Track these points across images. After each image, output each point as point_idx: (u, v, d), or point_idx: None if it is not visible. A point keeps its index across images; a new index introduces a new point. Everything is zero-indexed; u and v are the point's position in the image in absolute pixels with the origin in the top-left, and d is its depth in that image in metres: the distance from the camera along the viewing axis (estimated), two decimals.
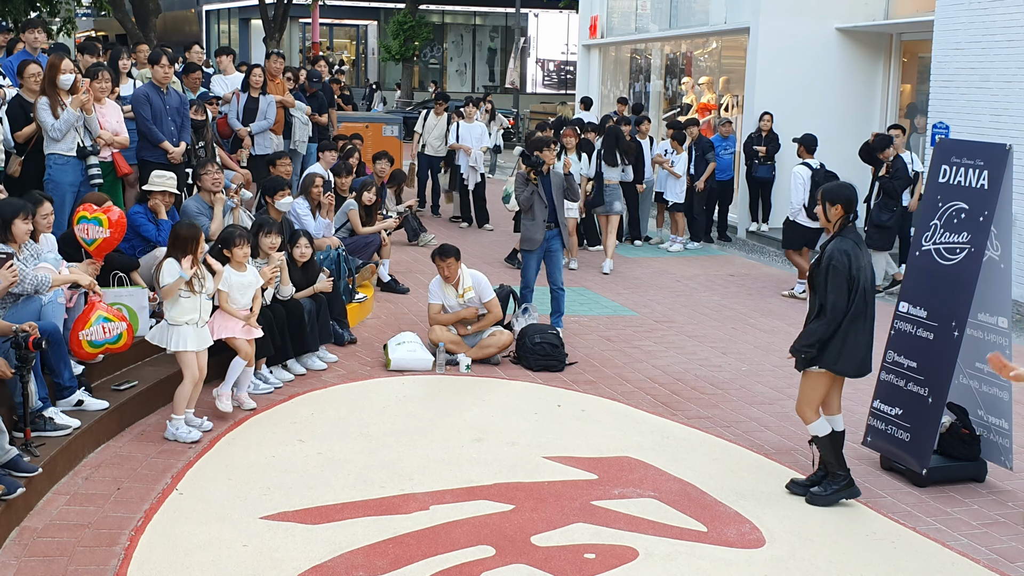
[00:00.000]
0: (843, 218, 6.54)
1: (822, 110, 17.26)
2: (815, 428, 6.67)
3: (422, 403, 8.42)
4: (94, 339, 7.17)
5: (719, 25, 19.26)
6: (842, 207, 6.52)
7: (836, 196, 6.57)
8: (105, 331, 7.19)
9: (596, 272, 13.99)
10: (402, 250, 14.73)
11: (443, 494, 6.61)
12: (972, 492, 7.10)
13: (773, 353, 10.30)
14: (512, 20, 43.75)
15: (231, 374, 7.88)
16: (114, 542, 5.81)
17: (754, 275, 14.48)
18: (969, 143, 7.66)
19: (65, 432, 6.77)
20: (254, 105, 12.70)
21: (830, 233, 6.64)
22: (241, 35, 51.75)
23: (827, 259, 6.43)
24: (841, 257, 6.39)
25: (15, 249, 6.84)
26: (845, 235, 6.50)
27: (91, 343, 7.17)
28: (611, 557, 5.87)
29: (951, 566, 6.02)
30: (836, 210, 6.54)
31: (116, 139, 9.46)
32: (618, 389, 9.01)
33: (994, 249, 6.98)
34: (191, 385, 7.31)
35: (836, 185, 6.73)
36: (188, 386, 7.31)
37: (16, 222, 6.86)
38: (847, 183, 6.76)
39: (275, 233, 8.69)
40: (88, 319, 7.15)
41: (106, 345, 7.26)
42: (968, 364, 7.26)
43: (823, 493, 6.67)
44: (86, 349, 7.21)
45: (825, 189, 6.67)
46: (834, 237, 6.54)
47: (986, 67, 13.16)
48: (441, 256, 9.47)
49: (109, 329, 7.20)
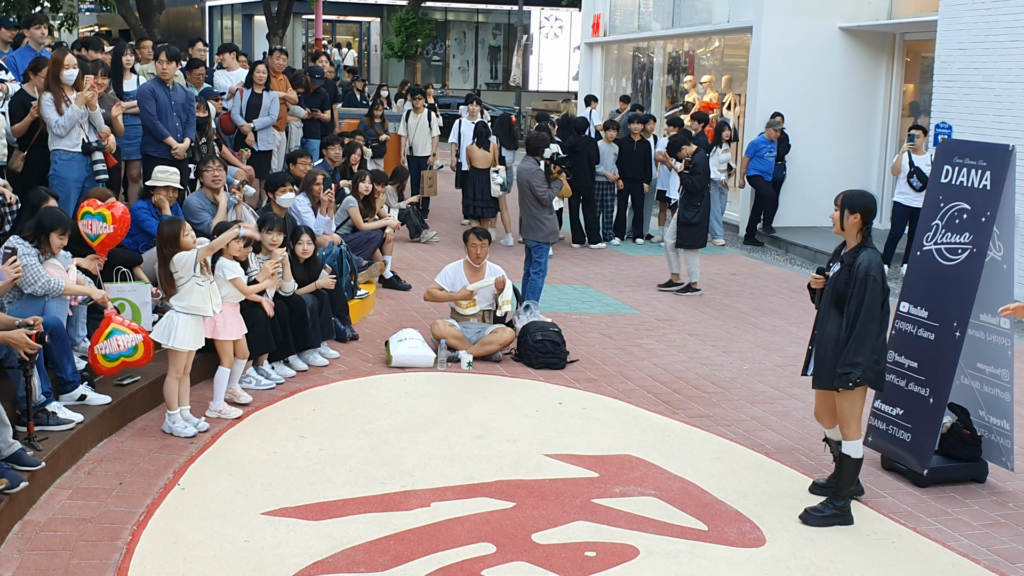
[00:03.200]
0: (863, 228, 6.39)
1: (825, 109, 17.30)
2: (854, 448, 6.46)
3: (423, 400, 8.43)
4: (108, 352, 7.12)
5: (722, 24, 19.26)
6: (861, 217, 6.32)
7: (856, 204, 6.34)
8: (120, 345, 7.14)
9: (596, 271, 13.99)
10: (404, 247, 14.74)
11: (444, 491, 6.62)
12: (973, 493, 7.11)
13: (774, 352, 10.31)
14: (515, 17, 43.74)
15: (218, 387, 7.84)
16: (116, 536, 5.83)
17: (756, 274, 14.48)
18: (972, 143, 7.66)
19: (68, 427, 6.78)
20: (257, 101, 12.70)
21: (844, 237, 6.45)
22: (244, 31, 51.71)
23: (864, 270, 6.21)
24: (879, 269, 6.24)
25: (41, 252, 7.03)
26: (869, 245, 6.36)
27: (106, 356, 7.13)
28: (611, 555, 5.88)
29: (952, 567, 6.03)
30: (855, 219, 6.33)
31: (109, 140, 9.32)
32: (619, 387, 9.02)
33: (996, 250, 6.98)
34: (175, 383, 7.33)
35: (857, 193, 6.48)
36: (173, 383, 7.32)
37: (53, 236, 7.12)
38: (868, 192, 6.54)
39: (277, 230, 8.71)
40: (102, 333, 7.15)
41: (122, 359, 7.17)
42: (969, 364, 7.27)
43: (819, 514, 6.46)
44: (102, 364, 7.18)
45: (846, 197, 6.42)
46: (861, 248, 6.33)
47: (989, 67, 13.17)
48: (477, 236, 9.76)
49: (123, 343, 7.14)
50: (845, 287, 6.30)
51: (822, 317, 6.50)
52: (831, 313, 6.42)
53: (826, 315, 6.45)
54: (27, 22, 11.06)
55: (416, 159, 16.84)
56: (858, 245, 6.39)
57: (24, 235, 7.11)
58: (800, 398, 8.85)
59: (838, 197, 6.51)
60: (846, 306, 6.29)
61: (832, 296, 6.41)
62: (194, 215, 9.28)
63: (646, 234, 16.69)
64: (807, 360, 6.75)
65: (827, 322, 6.44)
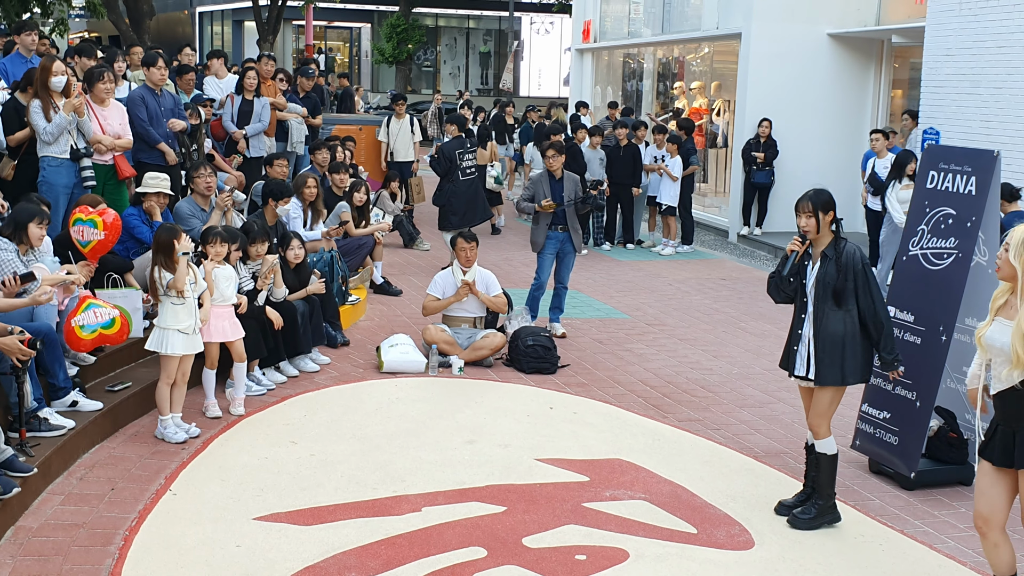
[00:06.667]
0: (837, 222, 6.45)
1: (813, 115, 17.38)
2: (828, 446, 6.46)
3: (415, 405, 8.47)
4: (85, 323, 7.13)
5: (711, 30, 19.34)
6: (833, 212, 6.39)
7: (827, 204, 6.36)
8: (96, 315, 7.17)
9: (587, 276, 14.04)
10: (395, 252, 14.79)
11: (435, 496, 6.66)
12: (959, 495, 7.15)
13: (764, 357, 10.36)
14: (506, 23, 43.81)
15: (207, 385, 7.92)
16: (108, 542, 5.85)
17: (745, 279, 14.53)
18: (957, 149, 7.71)
19: (60, 432, 6.81)
20: (249, 108, 12.73)
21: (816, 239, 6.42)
22: (235, 37, 51.74)
23: (858, 261, 6.29)
24: (865, 256, 6.35)
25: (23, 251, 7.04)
26: (843, 236, 6.43)
27: (82, 327, 7.13)
28: (602, 558, 5.92)
29: (938, 568, 6.08)
30: (829, 217, 6.36)
31: (118, 142, 9.33)
32: (610, 392, 9.06)
33: (982, 254, 7.04)
34: (167, 388, 7.36)
35: (821, 193, 6.44)
36: (164, 389, 7.35)
37: (31, 227, 7.21)
38: (824, 189, 6.59)
39: (260, 241, 8.74)
40: (79, 309, 7.16)
41: (99, 330, 7.18)
42: (956, 368, 7.31)
43: (807, 516, 6.48)
44: (79, 335, 7.16)
45: (815, 202, 6.37)
46: (838, 240, 6.37)
47: (977, 73, 13.25)
48: (465, 239, 9.82)
49: (100, 314, 7.19)
50: (841, 281, 6.31)
51: (817, 314, 6.39)
52: (826, 309, 6.36)
53: (820, 311, 6.37)
54: (17, 29, 11.07)
55: (397, 164, 16.66)
56: (834, 239, 6.41)
57: (5, 233, 7.17)
58: (789, 402, 8.90)
59: (802, 206, 6.40)
60: (851, 300, 6.31)
61: (828, 292, 6.34)
62: (184, 221, 9.30)
63: (636, 239, 16.75)
64: (791, 360, 6.55)
65: (824, 318, 6.36)
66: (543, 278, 10.76)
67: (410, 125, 16.68)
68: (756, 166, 16.86)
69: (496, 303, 9.87)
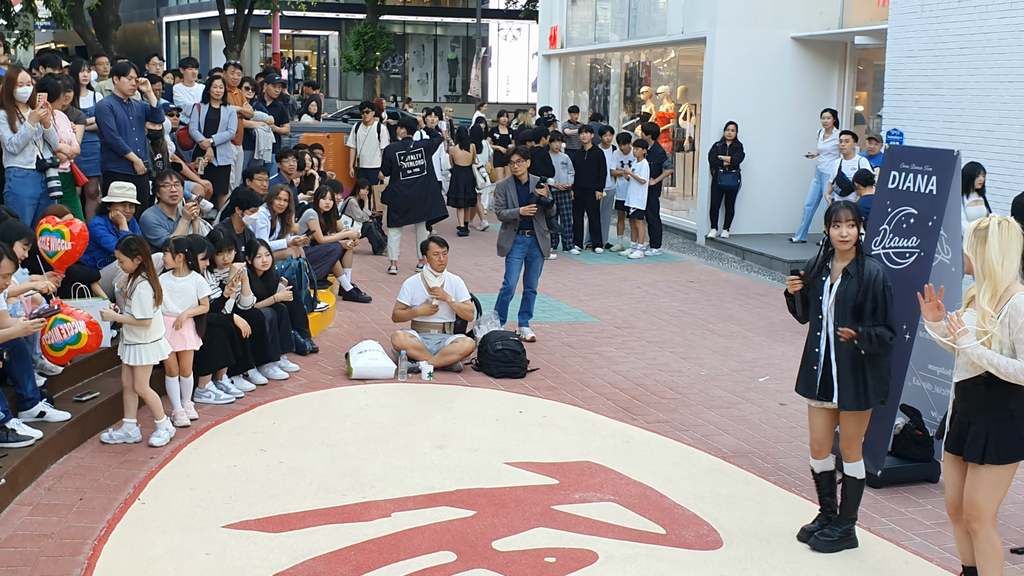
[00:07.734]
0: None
1: (778, 118, 17.49)
2: (858, 469, 6.21)
3: (384, 411, 8.47)
4: (53, 342, 7.21)
5: (677, 35, 19.43)
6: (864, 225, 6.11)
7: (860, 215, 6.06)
8: (62, 332, 7.19)
9: (556, 280, 14.08)
10: (364, 259, 14.79)
11: (405, 501, 6.67)
12: (926, 492, 7.23)
13: (731, 358, 10.43)
14: (473, 30, 43.90)
15: (172, 393, 7.95)
16: (77, 552, 5.83)
17: (713, 281, 14.61)
18: (918, 149, 7.79)
19: (27, 443, 6.78)
20: (216, 116, 12.72)
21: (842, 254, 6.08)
22: (202, 46, 51.52)
23: (882, 281, 6.01)
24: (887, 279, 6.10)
25: None
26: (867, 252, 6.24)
27: (52, 347, 7.23)
28: (571, 560, 5.95)
29: (905, 565, 6.13)
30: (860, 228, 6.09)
31: (68, 148, 9.29)
32: (579, 395, 9.10)
33: (944, 253, 7.12)
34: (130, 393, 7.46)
35: (851, 203, 6.12)
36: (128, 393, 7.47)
37: (17, 247, 7.11)
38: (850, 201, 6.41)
39: (226, 249, 8.73)
40: (47, 325, 7.16)
41: (67, 347, 7.24)
42: (920, 366, 7.40)
43: (827, 539, 6.24)
44: (51, 354, 7.28)
45: (855, 210, 6.03)
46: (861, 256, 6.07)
47: (939, 74, 13.38)
48: (437, 244, 9.87)
49: (65, 330, 7.20)
50: (860, 297, 6.02)
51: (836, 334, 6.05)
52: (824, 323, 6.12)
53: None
54: None
55: (364, 171, 16.63)
56: (856, 255, 6.09)
57: None
58: (756, 403, 8.97)
59: (844, 215, 6.01)
60: (868, 320, 6.02)
61: (847, 311, 6.03)
62: (151, 231, 9.27)
63: (605, 243, 16.81)
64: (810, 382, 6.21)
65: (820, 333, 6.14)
66: (511, 283, 10.80)
67: (377, 132, 16.70)
68: (723, 169, 16.95)
69: (463, 309, 9.89)
